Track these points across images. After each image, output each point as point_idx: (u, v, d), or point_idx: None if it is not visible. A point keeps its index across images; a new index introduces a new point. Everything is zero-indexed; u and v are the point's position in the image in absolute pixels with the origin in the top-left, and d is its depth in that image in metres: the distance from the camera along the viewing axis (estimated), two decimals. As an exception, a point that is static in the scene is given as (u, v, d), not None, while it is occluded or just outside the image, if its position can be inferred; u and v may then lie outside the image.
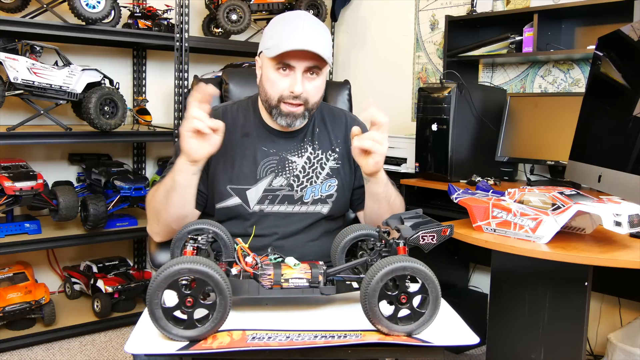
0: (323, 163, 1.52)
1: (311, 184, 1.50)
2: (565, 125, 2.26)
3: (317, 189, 1.50)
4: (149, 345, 0.99)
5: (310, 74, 1.42)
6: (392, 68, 3.38)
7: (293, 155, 1.51)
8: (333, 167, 1.53)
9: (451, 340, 1.03)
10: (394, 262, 1.01)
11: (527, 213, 1.47)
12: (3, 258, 2.68)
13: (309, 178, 1.50)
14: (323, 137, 1.54)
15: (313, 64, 1.40)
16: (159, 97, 3.25)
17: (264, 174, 1.48)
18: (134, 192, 2.70)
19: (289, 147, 1.51)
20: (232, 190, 1.47)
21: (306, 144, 1.53)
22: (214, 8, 3.06)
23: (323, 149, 1.53)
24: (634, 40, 1.73)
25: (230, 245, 1.29)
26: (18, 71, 2.36)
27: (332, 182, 1.51)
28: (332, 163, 1.53)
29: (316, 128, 1.55)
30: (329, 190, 1.51)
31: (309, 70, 1.41)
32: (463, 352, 2.62)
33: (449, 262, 2.88)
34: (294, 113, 1.43)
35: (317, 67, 1.42)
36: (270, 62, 1.41)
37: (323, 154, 1.53)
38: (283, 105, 1.43)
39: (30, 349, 2.56)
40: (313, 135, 1.54)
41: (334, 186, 1.51)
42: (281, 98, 1.42)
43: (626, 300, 2.37)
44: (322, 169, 1.52)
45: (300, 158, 1.51)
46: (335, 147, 1.54)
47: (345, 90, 1.96)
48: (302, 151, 1.52)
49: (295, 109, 1.43)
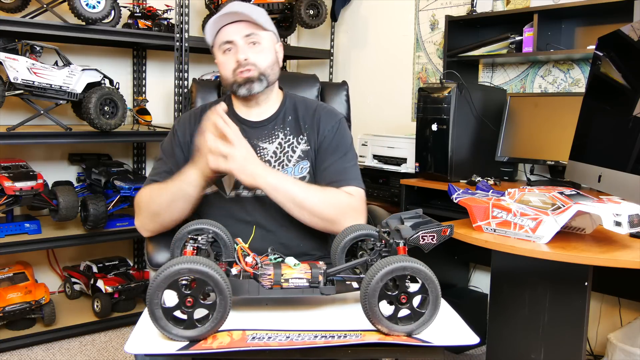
0: (294, 146, 1.56)
1: (283, 167, 1.53)
2: (565, 125, 2.26)
3: (290, 172, 1.53)
4: (149, 345, 0.99)
5: (253, 44, 1.51)
6: (392, 68, 3.38)
7: (264, 142, 1.56)
8: (304, 150, 1.56)
9: (451, 340, 1.03)
10: (394, 262, 1.01)
11: (527, 213, 1.47)
12: (3, 258, 2.68)
13: (280, 162, 1.54)
14: (294, 124, 1.59)
15: (249, 31, 1.50)
16: (159, 97, 3.25)
17: None
18: (134, 192, 2.70)
19: (260, 135, 1.56)
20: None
21: (277, 130, 1.57)
22: (214, 8, 3.06)
23: (294, 134, 1.57)
24: (634, 40, 1.73)
25: (230, 245, 1.29)
26: (18, 71, 2.36)
27: (304, 165, 1.55)
28: (303, 146, 1.56)
29: (288, 116, 1.60)
30: (302, 172, 1.54)
31: (249, 39, 1.50)
32: (463, 352, 2.62)
33: (449, 262, 2.87)
34: (249, 78, 1.50)
35: (254, 34, 1.50)
36: (216, 52, 1.54)
37: (294, 138, 1.57)
38: (237, 76, 1.51)
39: (30, 349, 2.56)
40: (284, 123, 1.59)
41: (306, 168, 1.55)
42: (234, 74, 1.51)
43: (626, 300, 2.37)
44: (294, 152, 1.55)
45: (271, 144, 1.56)
46: (304, 132, 1.57)
47: (343, 91, 1.96)
48: (272, 138, 1.57)
49: (247, 74, 1.50)
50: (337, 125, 1.59)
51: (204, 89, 1.88)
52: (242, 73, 1.50)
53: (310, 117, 1.59)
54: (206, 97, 1.87)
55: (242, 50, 1.49)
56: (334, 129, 1.57)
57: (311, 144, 1.56)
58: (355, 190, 1.50)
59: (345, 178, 1.51)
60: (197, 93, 1.86)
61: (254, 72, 1.50)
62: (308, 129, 1.58)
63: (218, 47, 1.53)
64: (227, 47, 1.51)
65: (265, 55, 1.53)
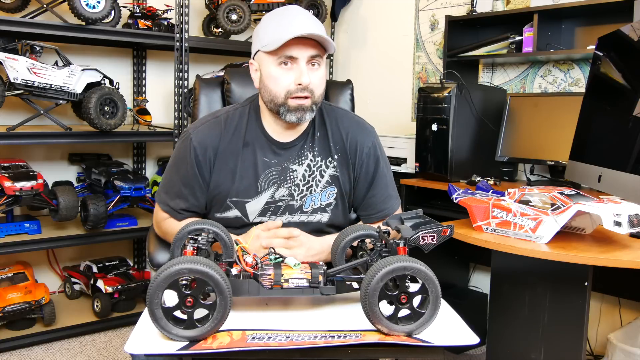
0: (322, 171, 1.48)
1: (311, 193, 1.47)
2: (565, 125, 2.26)
3: (317, 198, 1.47)
4: (149, 345, 0.99)
5: (312, 65, 1.38)
6: (392, 68, 3.38)
7: (294, 163, 1.47)
8: (332, 175, 1.49)
9: (451, 340, 1.03)
10: (395, 262, 1.01)
11: (527, 213, 1.47)
12: (3, 258, 2.68)
13: (308, 187, 1.47)
14: (323, 143, 1.49)
15: (316, 52, 1.36)
16: (159, 97, 3.25)
17: (265, 186, 1.45)
18: (134, 192, 2.70)
19: (290, 156, 1.47)
20: (232, 203, 1.45)
21: (306, 150, 1.48)
22: (214, 8, 3.06)
23: (323, 155, 1.49)
24: (634, 40, 1.73)
25: (231, 245, 1.28)
26: (18, 71, 2.36)
27: (331, 190, 1.49)
28: (332, 171, 1.49)
29: (317, 132, 1.50)
30: (329, 198, 1.48)
31: (311, 60, 1.37)
32: (463, 352, 2.62)
33: (449, 262, 2.87)
34: (303, 106, 1.38)
35: (319, 56, 1.38)
36: (270, 58, 1.37)
37: (322, 161, 1.49)
38: (290, 100, 1.37)
39: (30, 349, 2.56)
40: (313, 142, 1.49)
41: (333, 194, 1.49)
42: (288, 93, 1.37)
43: (626, 300, 2.37)
44: (322, 177, 1.48)
45: (300, 166, 1.47)
46: (334, 154, 1.49)
47: (348, 90, 1.94)
48: (302, 158, 1.48)
49: (303, 101, 1.37)
50: (373, 146, 1.53)
51: (207, 87, 1.85)
52: (299, 99, 1.37)
53: (340, 137, 1.50)
54: (210, 95, 1.83)
55: (306, 73, 1.35)
56: (370, 152, 1.51)
57: (342, 169, 1.49)
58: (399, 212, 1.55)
59: (390, 206, 1.54)
60: (201, 90, 1.83)
61: (309, 100, 1.38)
62: (339, 152, 1.49)
63: (276, 57, 1.36)
64: (287, 61, 1.36)
65: (322, 82, 1.41)
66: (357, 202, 1.54)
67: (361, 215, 1.57)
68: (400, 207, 1.60)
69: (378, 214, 1.53)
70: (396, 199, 1.56)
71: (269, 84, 1.39)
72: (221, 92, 1.86)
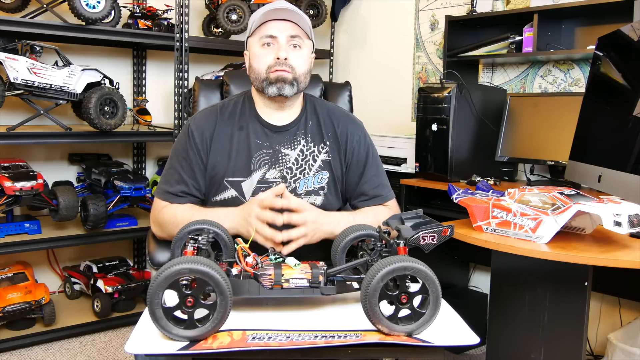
0: (315, 155, 1.55)
1: (304, 176, 1.53)
2: (565, 125, 2.26)
3: (310, 181, 1.53)
4: (149, 345, 0.99)
5: (294, 47, 1.48)
6: (392, 68, 3.38)
7: (286, 148, 1.54)
8: (325, 160, 1.55)
9: (451, 340, 1.03)
10: (395, 262, 1.01)
11: (527, 213, 1.47)
12: (3, 258, 2.68)
13: (301, 170, 1.53)
14: (315, 131, 1.57)
15: (295, 33, 1.47)
16: (159, 97, 3.25)
17: (257, 166, 1.51)
18: (134, 192, 2.70)
19: (282, 140, 1.54)
20: (229, 183, 1.50)
21: (299, 136, 1.55)
22: (214, 8, 3.06)
23: (315, 141, 1.56)
24: (634, 40, 1.73)
25: (231, 245, 1.29)
26: (18, 71, 2.36)
27: (323, 175, 1.55)
28: (324, 156, 1.56)
29: (309, 121, 1.58)
30: (321, 182, 1.54)
31: (291, 41, 1.47)
32: (463, 352, 2.62)
33: (449, 262, 2.88)
34: (283, 77, 1.46)
35: (299, 37, 1.48)
36: (254, 40, 1.50)
37: (315, 146, 1.56)
38: (271, 74, 1.47)
39: (30, 349, 2.56)
40: (306, 129, 1.57)
41: (326, 179, 1.55)
42: (269, 68, 1.47)
43: (626, 300, 2.37)
44: (314, 161, 1.55)
45: (293, 151, 1.54)
46: (327, 140, 1.56)
47: (346, 92, 1.96)
48: (294, 144, 1.54)
49: (282, 73, 1.46)
50: (363, 135, 1.60)
51: (206, 88, 1.87)
52: (278, 72, 1.46)
53: (331, 125, 1.58)
54: (209, 96, 1.86)
55: (284, 49, 1.46)
56: (361, 140, 1.59)
57: (333, 154, 1.56)
58: (393, 203, 1.60)
59: (384, 193, 1.59)
60: (200, 92, 1.85)
61: (289, 74, 1.47)
62: (331, 138, 1.57)
63: (258, 38, 1.48)
64: (268, 41, 1.47)
65: (304, 61, 1.51)
66: (350, 190, 1.59)
67: (356, 203, 1.59)
68: (397, 204, 1.62)
69: (373, 199, 1.57)
70: (390, 190, 1.61)
71: (253, 63, 1.51)
72: (220, 93, 1.87)
